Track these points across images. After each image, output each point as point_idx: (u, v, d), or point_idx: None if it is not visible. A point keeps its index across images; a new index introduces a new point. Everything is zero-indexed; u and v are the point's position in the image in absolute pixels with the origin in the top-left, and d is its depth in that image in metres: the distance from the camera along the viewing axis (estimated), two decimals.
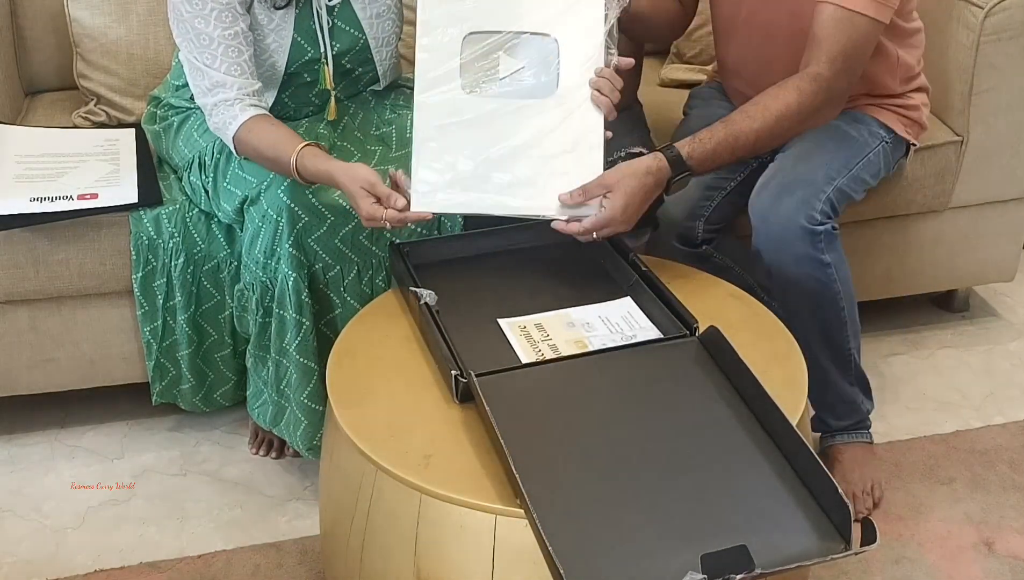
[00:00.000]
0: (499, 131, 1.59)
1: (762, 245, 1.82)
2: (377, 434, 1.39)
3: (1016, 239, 2.47)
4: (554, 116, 1.64)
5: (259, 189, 1.86)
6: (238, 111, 1.80)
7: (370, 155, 1.97)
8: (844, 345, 1.91)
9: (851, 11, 1.73)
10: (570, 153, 1.63)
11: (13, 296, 2.03)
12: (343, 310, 1.94)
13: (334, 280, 1.93)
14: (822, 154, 1.87)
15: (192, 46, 1.80)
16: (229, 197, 1.91)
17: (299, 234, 1.86)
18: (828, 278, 1.82)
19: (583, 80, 1.65)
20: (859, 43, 1.77)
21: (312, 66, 1.93)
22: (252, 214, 1.88)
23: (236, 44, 1.80)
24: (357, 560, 1.42)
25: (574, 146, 1.63)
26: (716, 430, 1.38)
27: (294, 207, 1.84)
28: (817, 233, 1.79)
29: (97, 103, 2.31)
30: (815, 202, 1.80)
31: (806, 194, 1.81)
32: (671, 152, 1.68)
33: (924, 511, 2.00)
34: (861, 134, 1.94)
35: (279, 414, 1.98)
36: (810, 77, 1.74)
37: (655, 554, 1.20)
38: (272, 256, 1.87)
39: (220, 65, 1.79)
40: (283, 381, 1.94)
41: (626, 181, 1.62)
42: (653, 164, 1.66)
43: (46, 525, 1.99)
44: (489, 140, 1.59)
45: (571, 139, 1.63)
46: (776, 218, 1.79)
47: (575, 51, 1.66)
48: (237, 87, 1.80)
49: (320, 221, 1.87)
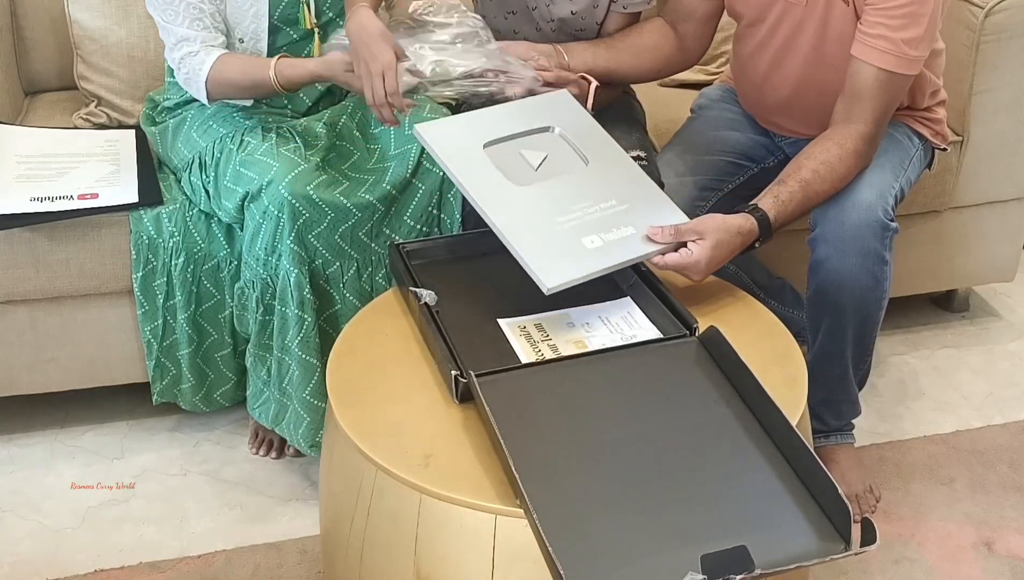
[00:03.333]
0: (567, 205, 1.64)
1: (830, 235, 1.80)
2: (377, 434, 1.39)
3: (1016, 239, 2.47)
4: (602, 179, 1.69)
5: (260, 185, 1.86)
6: (204, 56, 1.87)
7: (371, 153, 1.97)
8: (870, 346, 1.92)
9: (893, 73, 1.76)
10: (635, 201, 1.68)
11: (13, 296, 2.03)
12: (343, 306, 1.95)
13: (334, 276, 1.93)
14: (882, 155, 1.88)
15: (157, 5, 1.89)
16: (230, 195, 1.91)
17: (300, 230, 1.86)
18: (883, 276, 1.82)
19: (605, 143, 1.74)
20: (898, 96, 1.84)
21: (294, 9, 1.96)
22: (253, 211, 1.89)
23: (197, 1, 1.87)
24: (357, 560, 1.42)
25: (634, 194, 1.69)
26: (716, 430, 1.38)
27: (295, 203, 1.84)
28: (889, 228, 1.80)
29: (98, 104, 2.31)
30: (888, 198, 1.82)
31: (882, 189, 1.82)
32: (758, 214, 1.70)
33: (924, 511, 2.00)
34: (904, 140, 1.97)
35: (281, 412, 1.99)
36: (864, 139, 1.79)
37: (655, 554, 1.20)
38: (273, 253, 1.88)
39: (183, 21, 1.87)
40: (285, 378, 1.94)
41: (718, 234, 1.63)
42: (745, 225, 1.68)
43: (46, 525, 1.99)
44: (565, 216, 1.63)
45: (630, 191, 1.69)
46: (855, 208, 1.79)
47: (581, 131, 1.75)
48: (200, 40, 1.87)
49: (320, 217, 1.87)
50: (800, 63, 1.90)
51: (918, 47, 1.76)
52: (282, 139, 1.94)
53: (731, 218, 1.68)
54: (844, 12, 1.80)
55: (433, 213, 1.97)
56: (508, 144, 1.70)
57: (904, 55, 1.75)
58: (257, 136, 1.93)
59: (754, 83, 2.02)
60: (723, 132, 2.09)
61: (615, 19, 1.98)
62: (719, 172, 2.03)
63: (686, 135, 2.12)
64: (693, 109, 2.22)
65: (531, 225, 1.59)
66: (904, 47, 1.74)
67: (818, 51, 1.86)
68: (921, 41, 1.75)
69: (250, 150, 1.90)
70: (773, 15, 1.88)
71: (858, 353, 1.91)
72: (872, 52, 1.75)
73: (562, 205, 1.63)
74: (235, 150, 1.92)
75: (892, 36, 1.73)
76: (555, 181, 1.67)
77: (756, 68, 1.98)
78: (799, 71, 1.91)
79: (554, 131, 1.74)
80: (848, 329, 1.85)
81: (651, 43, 1.97)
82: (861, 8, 1.77)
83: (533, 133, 1.73)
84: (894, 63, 1.75)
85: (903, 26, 1.73)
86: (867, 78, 1.77)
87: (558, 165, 1.70)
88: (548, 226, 1.60)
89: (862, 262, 1.79)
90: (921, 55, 1.78)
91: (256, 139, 1.92)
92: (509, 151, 1.69)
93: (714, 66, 2.54)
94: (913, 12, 1.73)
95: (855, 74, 1.78)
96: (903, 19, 1.73)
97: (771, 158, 2.09)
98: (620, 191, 1.68)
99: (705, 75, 2.52)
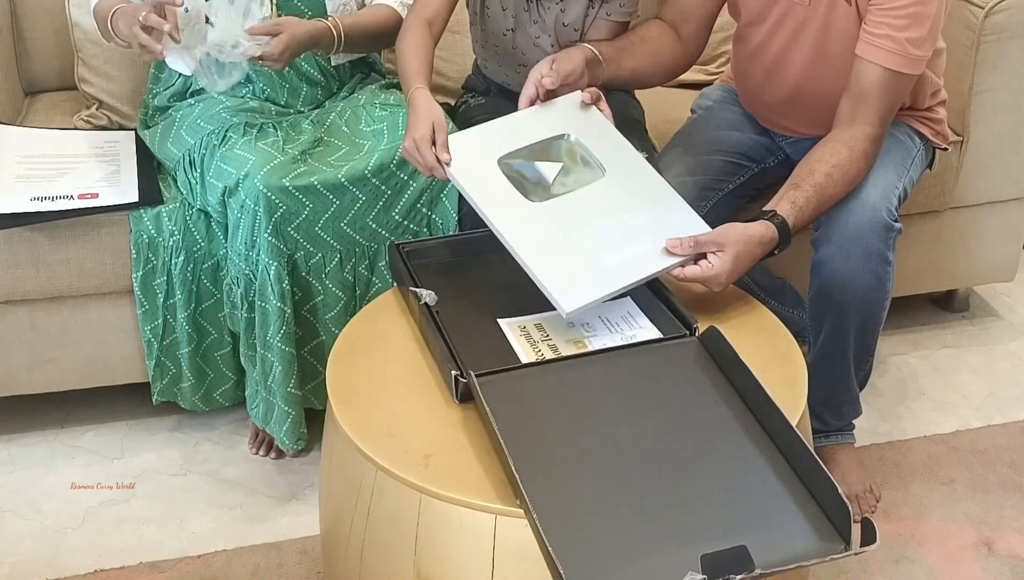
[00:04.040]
0: (584, 221, 1.62)
1: (835, 235, 1.80)
2: (377, 434, 1.39)
3: (1016, 239, 2.47)
4: (620, 189, 1.67)
5: (237, 179, 1.87)
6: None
7: (358, 148, 1.96)
8: (872, 346, 1.92)
9: (898, 72, 1.76)
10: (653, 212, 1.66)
11: (13, 296, 2.03)
12: (325, 297, 1.96)
13: (316, 267, 1.93)
14: (885, 155, 1.88)
15: None
16: (212, 190, 1.92)
17: (278, 222, 1.86)
18: (886, 277, 1.82)
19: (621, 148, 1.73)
20: (902, 96, 1.85)
21: None
22: (232, 205, 1.89)
23: None
24: (357, 560, 1.42)
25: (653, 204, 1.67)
26: (716, 430, 1.38)
27: (270, 195, 1.84)
28: (893, 229, 1.80)
29: (99, 107, 2.31)
30: (892, 198, 1.82)
31: (886, 189, 1.82)
32: (778, 221, 1.69)
33: (924, 511, 2.00)
34: (905, 140, 1.97)
35: (268, 411, 1.99)
36: (871, 140, 1.79)
37: (655, 554, 1.20)
38: (253, 247, 1.88)
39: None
40: (269, 376, 1.95)
41: (739, 245, 1.63)
42: (767, 234, 1.67)
43: (46, 525, 1.99)
44: (581, 232, 1.61)
45: (648, 201, 1.67)
46: (860, 208, 1.79)
47: (597, 137, 1.72)
48: None
49: (299, 208, 1.87)
50: (802, 63, 1.90)
51: (922, 47, 1.76)
52: (263, 133, 1.95)
53: (751, 227, 1.67)
54: (847, 12, 1.80)
55: (423, 212, 1.97)
56: (522, 156, 1.68)
57: (909, 55, 1.75)
58: (239, 132, 1.94)
59: (755, 83, 2.02)
60: (723, 132, 2.09)
61: (599, 27, 1.97)
62: (719, 172, 2.03)
63: (686, 135, 2.12)
64: (693, 109, 2.22)
65: (547, 245, 1.57)
66: (909, 47, 1.74)
67: (820, 51, 1.86)
68: (925, 41, 1.76)
69: (230, 145, 1.92)
70: (775, 15, 1.88)
71: (860, 353, 1.91)
72: (877, 52, 1.75)
73: (579, 221, 1.61)
74: (218, 146, 1.93)
75: (897, 36, 1.73)
76: (571, 196, 1.65)
77: (757, 68, 1.98)
78: (801, 71, 1.91)
79: (569, 138, 1.72)
80: (850, 329, 1.85)
81: (662, 47, 1.96)
82: (864, 8, 1.77)
83: (548, 142, 1.71)
84: (899, 63, 1.75)
85: (907, 26, 1.73)
86: (873, 78, 1.77)
87: (574, 177, 1.68)
88: (565, 245, 1.58)
89: (866, 263, 1.79)
90: (925, 55, 1.78)
91: (238, 134, 1.93)
92: (523, 164, 1.68)
93: (714, 66, 2.54)
94: (917, 12, 1.73)
95: (860, 74, 1.78)
96: (907, 19, 1.73)
97: (771, 158, 2.09)
98: (638, 201, 1.66)
99: (705, 75, 2.52)
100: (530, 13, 1.98)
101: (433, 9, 1.88)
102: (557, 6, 1.96)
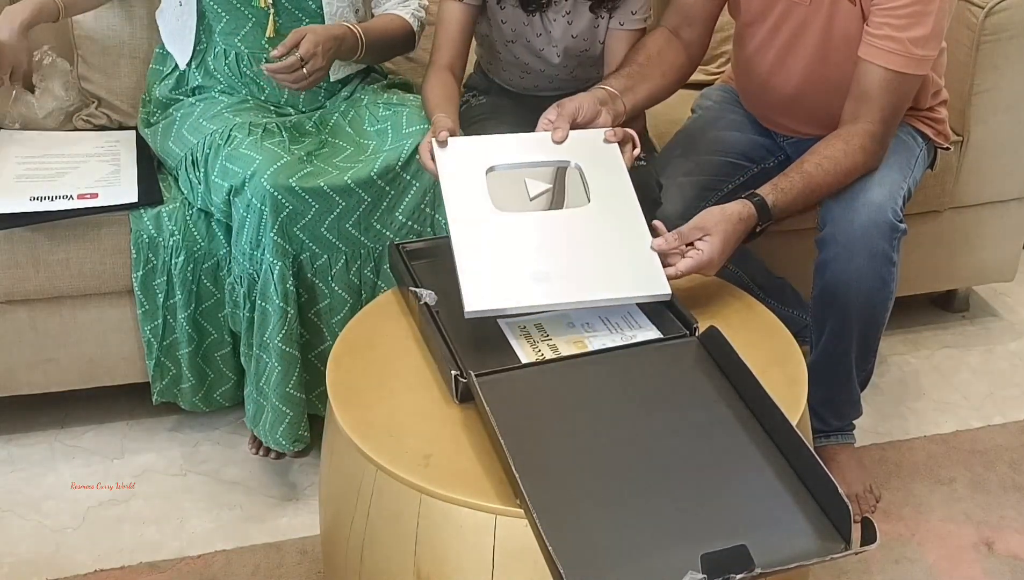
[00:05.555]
0: (541, 238, 1.59)
1: (840, 235, 1.79)
2: (377, 434, 1.39)
3: (1016, 239, 2.47)
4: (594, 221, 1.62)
5: (243, 178, 1.87)
6: None
7: (363, 148, 1.97)
8: (874, 347, 1.92)
9: (900, 73, 1.76)
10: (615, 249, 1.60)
11: (13, 296, 2.03)
12: (331, 300, 1.95)
13: (322, 269, 1.93)
14: (890, 156, 1.87)
15: None
16: (217, 189, 1.92)
17: (283, 222, 1.86)
18: (890, 277, 1.82)
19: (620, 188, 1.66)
20: (907, 96, 1.84)
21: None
22: (237, 205, 1.89)
23: None
24: (357, 560, 1.42)
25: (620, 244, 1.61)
26: (716, 430, 1.37)
27: (276, 195, 1.84)
28: (898, 229, 1.80)
29: (98, 105, 2.31)
30: (897, 198, 1.82)
31: (892, 188, 1.82)
32: (756, 199, 1.69)
33: (924, 511, 2.00)
34: (908, 139, 1.97)
35: (258, 413, 1.98)
36: (871, 137, 1.79)
37: (655, 554, 1.20)
38: (257, 246, 1.88)
39: None
40: (262, 378, 1.94)
41: (723, 225, 1.63)
42: (744, 211, 1.67)
43: (46, 525, 1.99)
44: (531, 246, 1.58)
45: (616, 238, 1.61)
46: (865, 208, 1.79)
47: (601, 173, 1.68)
48: None
49: (305, 208, 1.87)
50: (804, 62, 1.90)
51: (925, 46, 1.75)
52: (268, 133, 1.95)
53: (728, 207, 1.67)
54: (850, 11, 1.80)
55: (427, 212, 1.97)
56: (515, 171, 1.67)
57: (911, 55, 1.75)
58: (244, 131, 1.94)
59: (757, 83, 2.02)
60: (724, 132, 2.09)
61: (617, 37, 1.97)
62: (719, 172, 2.03)
63: (686, 135, 2.12)
64: (693, 109, 2.22)
65: (487, 248, 1.55)
66: (911, 47, 1.74)
67: (823, 50, 1.86)
68: (928, 40, 1.75)
69: (235, 144, 1.91)
70: (775, 14, 1.88)
71: (862, 354, 1.91)
72: (878, 53, 1.75)
73: (535, 237, 1.58)
74: (222, 145, 1.92)
75: (898, 36, 1.73)
76: (542, 214, 1.65)
77: (759, 68, 1.98)
78: (803, 70, 1.91)
79: (571, 165, 1.69)
80: (853, 330, 1.85)
81: (669, 59, 1.93)
82: (868, 8, 1.77)
83: (549, 164, 1.69)
84: (901, 63, 1.75)
85: (908, 25, 1.73)
86: (874, 79, 1.77)
87: (557, 200, 1.67)
88: (505, 252, 1.55)
89: (870, 263, 1.78)
90: (928, 54, 1.77)
91: (243, 133, 1.93)
92: (512, 178, 1.67)
93: (714, 66, 2.54)
94: (918, 11, 1.72)
95: (862, 75, 1.78)
96: (908, 18, 1.73)
97: (772, 159, 2.09)
98: (607, 234, 1.60)
99: (705, 75, 2.51)
100: (532, 27, 1.98)
101: (448, 57, 1.93)
102: (564, 18, 1.96)
